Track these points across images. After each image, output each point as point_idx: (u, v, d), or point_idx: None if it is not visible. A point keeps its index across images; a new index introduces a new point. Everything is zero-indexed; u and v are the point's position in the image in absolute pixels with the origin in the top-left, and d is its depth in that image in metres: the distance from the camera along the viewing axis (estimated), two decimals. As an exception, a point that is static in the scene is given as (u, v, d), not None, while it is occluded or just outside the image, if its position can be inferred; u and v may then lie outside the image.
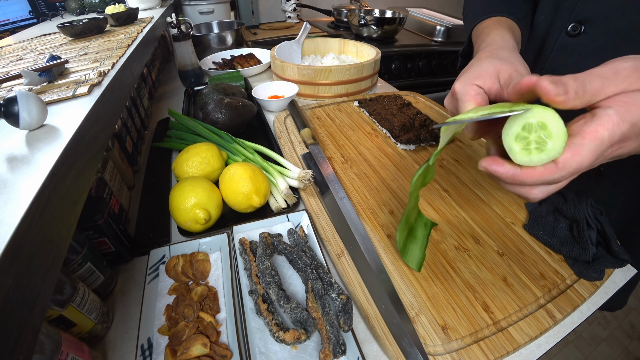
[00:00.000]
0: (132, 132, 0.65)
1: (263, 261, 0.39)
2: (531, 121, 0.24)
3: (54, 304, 0.30)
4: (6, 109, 0.25)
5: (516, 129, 0.25)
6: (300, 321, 0.35)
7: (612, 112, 0.24)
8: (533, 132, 0.24)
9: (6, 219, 0.16)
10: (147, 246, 0.45)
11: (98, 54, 0.49)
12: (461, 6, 0.61)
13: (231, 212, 0.51)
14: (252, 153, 0.58)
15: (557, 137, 0.24)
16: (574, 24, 0.47)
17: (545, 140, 0.24)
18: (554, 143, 0.24)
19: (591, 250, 0.39)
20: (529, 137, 0.25)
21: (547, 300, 0.38)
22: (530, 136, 0.24)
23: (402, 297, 0.38)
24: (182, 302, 0.38)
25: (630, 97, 0.24)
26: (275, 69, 0.91)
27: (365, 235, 0.44)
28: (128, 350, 0.36)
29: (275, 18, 1.75)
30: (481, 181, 0.55)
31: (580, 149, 0.24)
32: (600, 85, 0.24)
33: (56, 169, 0.21)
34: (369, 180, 0.56)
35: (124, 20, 0.71)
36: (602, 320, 1.33)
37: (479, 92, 0.32)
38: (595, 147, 0.24)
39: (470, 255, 0.42)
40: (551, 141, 0.24)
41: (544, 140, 0.24)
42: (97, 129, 0.31)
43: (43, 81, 0.38)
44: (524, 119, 0.25)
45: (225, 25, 1.30)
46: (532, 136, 0.24)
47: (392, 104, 0.76)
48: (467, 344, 0.34)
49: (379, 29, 1.33)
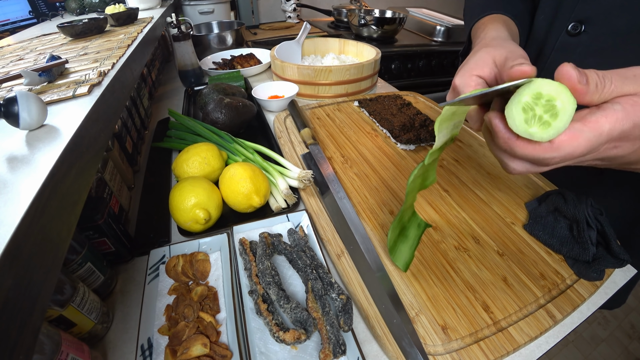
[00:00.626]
0: (132, 132, 0.65)
1: (263, 261, 0.39)
2: (543, 92, 0.23)
3: (54, 304, 0.30)
4: (6, 109, 0.25)
5: (526, 98, 0.24)
6: (300, 321, 0.35)
7: (619, 107, 0.23)
8: (540, 106, 0.23)
9: (6, 219, 0.16)
10: (147, 246, 0.45)
11: (98, 54, 0.49)
12: (461, 6, 0.61)
13: (231, 212, 0.51)
14: (252, 153, 0.58)
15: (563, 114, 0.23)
16: (574, 23, 0.47)
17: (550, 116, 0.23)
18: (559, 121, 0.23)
19: (591, 250, 0.39)
20: (535, 111, 0.23)
21: (547, 300, 0.38)
22: (537, 110, 0.23)
23: (402, 297, 0.38)
24: (182, 302, 0.38)
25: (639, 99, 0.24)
26: (275, 69, 0.91)
27: (365, 235, 0.44)
28: (128, 350, 0.36)
29: (275, 18, 1.75)
30: (481, 181, 0.55)
31: (579, 134, 0.23)
32: (620, 83, 0.24)
33: (56, 169, 0.21)
34: (369, 180, 0.56)
35: (124, 20, 0.71)
36: (602, 320, 1.33)
37: (479, 82, 0.32)
38: (593, 137, 0.23)
39: (470, 255, 0.42)
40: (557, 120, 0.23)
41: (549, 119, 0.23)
42: (97, 129, 0.31)
43: (43, 81, 0.38)
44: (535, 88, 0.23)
45: (225, 25, 1.30)
46: (538, 110, 0.23)
47: (392, 104, 0.76)
48: (467, 344, 0.34)
49: (379, 29, 1.33)
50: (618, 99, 0.24)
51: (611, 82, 0.24)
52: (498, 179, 0.55)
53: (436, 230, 0.46)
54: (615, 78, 0.24)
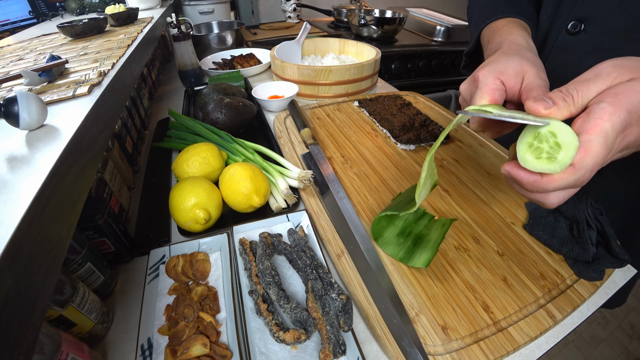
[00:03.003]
0: (132, 132, 0.65)
1: (263, 261, 0.39)
2: (542, 131, 0.25)
3: (54, 304, 0.30)
4: (6, 109, 0.25)
5: (528, 139, 0.26)
6: (300, 321, 0.35)
7: (604, 104, 0.25)
8: (544, 142, 0.25)
9: (6, 219, 0.16)
10: (147, 246, 0.45)
11: (98, 54, 0.49)
12: (461, 6, 0.61)
13: (231, 212, 0.51)
14: (252, 153, 0.58)
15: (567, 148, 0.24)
16: (574, 22, 0.47)
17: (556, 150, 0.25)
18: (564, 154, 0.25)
19: (591, 250, 0.39)
20: (542, 147, 0.26)
21: (547, 300, 0.38)
22: (543, 146, 0.25)
23: (402, 297, 0.38)
24: (182, 302, 0.38)
25: (616, 89, 0.25)
26: (275, 69, 0.91)
27: (365, 235, 0.44)
28: (128, 350, 0.36)
29: (275, 18, 1.75)
30: (481, 181, 0.55)
31: (590, 144, 0.24)
32: (586, 87, 0.26)
33: (56, 169, 0.21)
34: (369, 180, 0.56)
35: (124, 20, 0.71)
36: (602, 320, 1.33)
37: (499, 87, 0.32)
38: (603, 139, 0.24)
39: (470, 255, 0.42)
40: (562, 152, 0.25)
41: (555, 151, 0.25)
42: (97, 129, 0.31)
43: (43, 81, 0.38)
44: (535, 129, 0.26)
45: (225, 25, 1.30)
46: (544, 146, 0.25)
47: (392, 104, 0.76)
48: (467, 344, 0.34)
49: (379, 29, 1.33)
50: (598, 98, 0.25)
51: (576, 91, 0.26)
52: (498, 179, 0.55)
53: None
54: (579, 85, 0.26)
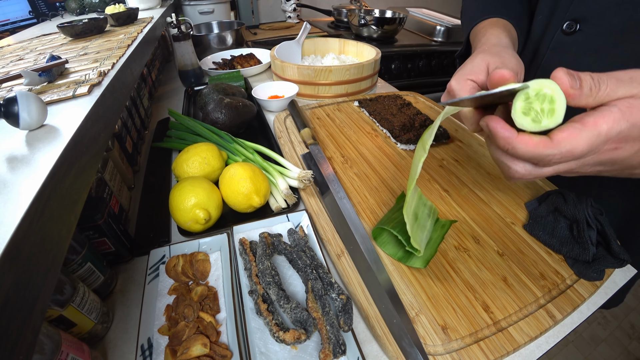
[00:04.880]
0: (132, 132, 0.65)
1: (263, 261, 0.39)
2: (530, 93, 0.25)
3: (54, 304, 0.30)
4: (6, 109, 0.25)
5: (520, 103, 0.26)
6: (300, 321, 0.35)
7: (615, 109, 0.24)
8: (536, 102, 0.25)
9: (6, 219, 0.16)
10: (147, 246, 0.45)
11: (98, 54, 0.49)
12: (461, 6, 0.61)
13: (231, 212, 0.51)
14: (252, 153, 0.58)
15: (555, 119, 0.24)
16: (570, 22, 0.47)
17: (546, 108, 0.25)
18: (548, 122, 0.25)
19: (591, 250, 0.39)
20: (534, 106, 0.25)
21: (547, 300, 0.38)
22: (535, 105, 0.25)
23: (402, 297, 0.38)
24: (182, 302, 0.38)
25: (637, 101, 0.24)
26: (275, 69, 0.91)
27: (365, 235, 0.44)
28: (128, 350, 0.36)
29: (275, 18, 1.75)
30: (481, 181, 0.55)
31: (577, 132, 0.24)
32: (615, 86, 0.24)
33: (56, 169, 0.21)
34: (369, 180, 0.56)
35: (124, 20, 0.71)
36: (602, 320, 1.33)
37: (473, 87, 0.34)
38: (591, 136, 0.24)
39: (470, 255, 0.42)
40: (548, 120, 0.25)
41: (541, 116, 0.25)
42: (97, 129, 0.31)
43: (43, 81, 0.38)
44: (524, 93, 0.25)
45: (225, 25, 1.30)
46: (536, 106, 0.25)
47: (392, 104, 0.76)
48: (467, 344, 0.34)
49: (379, 29, 1.33)
50: (614, 101, 0.24)
51: (606, 85, 0.24)
52: (498, 179, 0.55)
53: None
54: (611, 81, 0.24)
